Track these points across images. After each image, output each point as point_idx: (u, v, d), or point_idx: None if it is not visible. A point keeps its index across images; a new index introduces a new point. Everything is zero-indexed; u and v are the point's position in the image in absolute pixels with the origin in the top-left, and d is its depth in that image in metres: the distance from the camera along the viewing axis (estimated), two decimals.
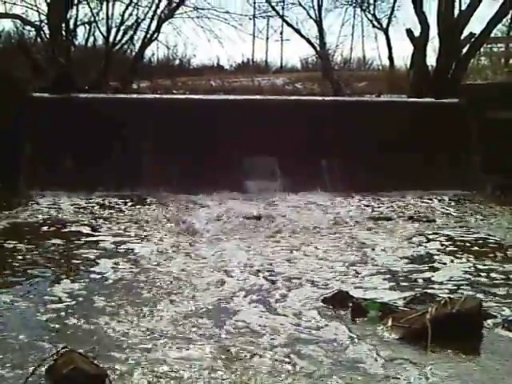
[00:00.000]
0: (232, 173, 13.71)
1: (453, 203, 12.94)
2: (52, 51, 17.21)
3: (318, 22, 26.34)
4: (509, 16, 23.15)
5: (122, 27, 22.35)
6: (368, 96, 20.23)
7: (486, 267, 8.07)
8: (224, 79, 26.15)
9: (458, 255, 8.67)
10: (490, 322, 6.01)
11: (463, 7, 18.32)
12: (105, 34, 22.25)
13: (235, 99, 16.51)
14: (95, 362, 4.94)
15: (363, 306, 6.30)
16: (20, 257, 8.30)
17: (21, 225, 10.43)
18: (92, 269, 7.80)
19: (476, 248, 9.12)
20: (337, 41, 30.18)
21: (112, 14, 22.27)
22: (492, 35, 20.64)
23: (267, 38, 33.91)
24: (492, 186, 14.15)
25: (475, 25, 18.40)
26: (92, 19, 22.06)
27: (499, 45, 25.19)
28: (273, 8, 28.43)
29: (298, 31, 26.95)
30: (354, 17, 31.30)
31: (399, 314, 6.04)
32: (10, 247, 8.78)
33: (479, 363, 5.21)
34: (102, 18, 22.27)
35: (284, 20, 29.08)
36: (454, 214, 11.86)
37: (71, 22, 20.10)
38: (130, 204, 12.37)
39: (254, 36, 32.10)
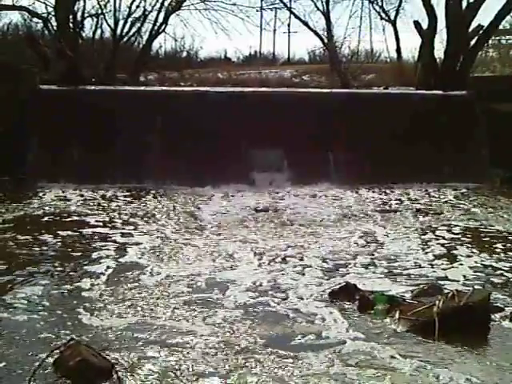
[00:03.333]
0: (239, 165, 13.70)
1: (460, 196, 12.90)
2: (59, 43, 17.18)
3: (326, 14, 26.27)
4: None
5: (130, 19, 22.37)
6: (376, 88, 20.17)
7: (494, 260, 8.05)
8: (231, 71, 26.11)
9: (465, 248, 8.65)
10: (497, 315, 5.98)
11: None
12: (112, 26, 22.28)
13: (242, 91, 16.48)
14: (102, 354, 4.94)
15: (370, 299, 6.29)
16: (27, 250, 8.28)
17: (28, 217, 10.45)
18: (97, 262, 7.79)
19: (483, 240, 9.09)
20: (344, 33, 30.20)
21: (119, 6, 22.31)
22: (500, 27, 20.55)
23: (275, 30, 33.90)
24: (500, 178, 14.11)
25: (483, 17, 18.33)
26: (99, 11, 22.08)
27: (508, 37, 25.11)
28: (280, 0, 28.39)
29: (305, 23, 26.89)
30: (362, 9, 31.22)
31: (406, 307, 6.03)
32: (18, 240, 8.78)
33: (486, 356, 5.20)
34: (110, 10, 22.31)
35: (291, 12, 29.03)
36: (462, 207, 11.82)
37: (78, 14, 20.13)
38: (136, 196, 12.36)
39: (261, 28, 32.08)
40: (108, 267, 7.55)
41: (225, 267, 7.59)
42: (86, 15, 21.25)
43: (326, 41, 26.16)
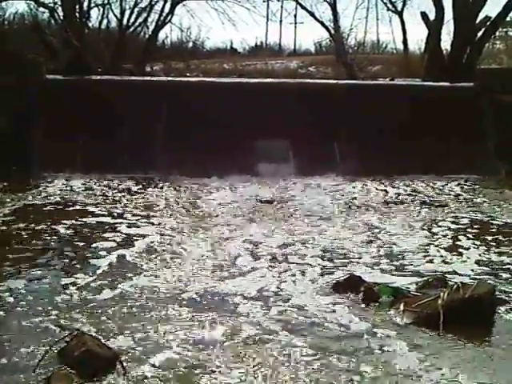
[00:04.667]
0: (245, 156, 13.71)
1: (466, 188, 12.88)
2: (66, 33, 17.19)
3: (332, 5, 26.15)
4: None
5: (136, 9, 22.37)
6: (382, 80, 20.14)
7: (499, 252, 8.04)
8: (237, 62, 26.10)
9: (470, 240, 8.64)
10: (502, 307, 5.98)
11: None
12: (118, 16, 22.29)
13: (248, 82, 16.47)
14: (107, 344, 4.96)
15: (375, 291, 6.29)
16: (31, 240, 8.29)
17: (33, 207, 10.46)
18: (101, 253, 7.78)
19: (488, 233, 9.07)
20: (351, 24, 30.02)
21: None
22: (508, 19, 20.49)
23: (281, 21, 33.85)
24: (505, 171, 14.08)
25: (491, 7, 18.26)
26: (106, 1, 22.09)
27: None
28: None
29: (312, 14, 26.79)
30: (369, 0, 31.13)
31: (411, 299, 6.03)
32: (22, 230, 8.80)
33: (490, 349, 5.20)
34: (116, 0, 22.30)
35: (298, 2, 28.92)
36: (467, 199, 11.80)
37: (85, 4, 20.14)
38: (142, 187, 12.38)
39: (267, 19, 32.05)
40: (114, 257, 7.55)
41: (228, 260, 7.56)
42: (92, 5, 21.29)
43: (332, 32, 26.06)
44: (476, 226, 9.51)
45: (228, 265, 7.32)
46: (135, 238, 8.45)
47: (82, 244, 8.17)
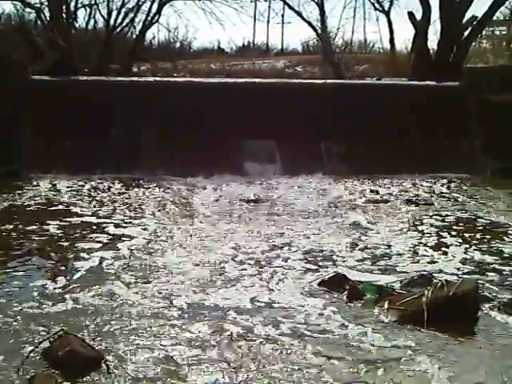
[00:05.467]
0: (231, 156, 13.73)
1: (452, 186, 12.94)
2: (52, 33, 17.15)
3: (320, 5, 26.23)
4: None
5: (123, 10, 22.36)
6: (369, 79, 20.18)
7: (484, 251, 8.05)
8: (224, 62, 26.11)
9: (455, 238, 8.66)
10: (486, 305, 5.99)
11: None
12: (105, 16, 22.26)
13: (235, 82, 16.49)
14: (92, 344, 4.94)
15: (360, 289, 6.30)
16: (15, 241, 8.23)
17: (19, 207, 10.42)
18: (87, 253, 7.71)
19: (474, 231, 9.10)
20: (338, 23, 30.12)
21: None
22: (494, 18, 20.58)
23: (268, 21, 33.86)
24: (491, 169, 14.15)
25: (478, 7, 18.36)
26: (93, 1, 22.06)
27: (501, 28, 25.12)
28: None
29: (299, 14, 26.84)
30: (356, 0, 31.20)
31: (396, 297, 6.04)
32: (7, 231, 8.75)
33: (474, 346, 5.21)
34: (103, 1, 22.32)
35: (285, 2, 29.00)
36: (453, 198, 11.86)
37: (72, 5, 20.11)
38: (128, 187, 12.35)
39: (255, 18, 32.08)
40: (97, 258, 7.49)
41: (214, 257, 7.53)
42: (79, 5, 21.26)
43: (319, 31, 26.12)
44: (461, 225, 9.54)
45: (214, 269, 7.18)
46: (120, 239, 8.36)
47: (66, 244, 8.13)
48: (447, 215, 10.16)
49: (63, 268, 7.17)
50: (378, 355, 4.95)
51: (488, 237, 8.74)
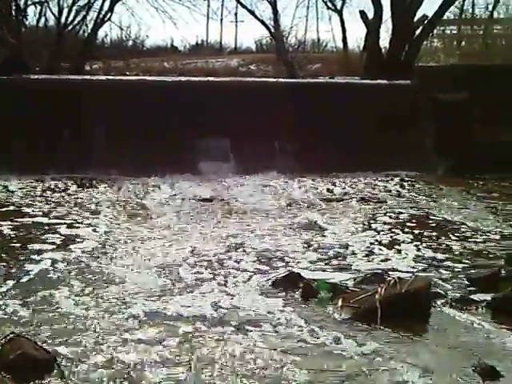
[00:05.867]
0: (186, 155, 13.69)
1: (404, 184, 13.06)
2: (1, 31, 16.88)
3: (273, 3, 26.19)
4: None
5: (74, 7, 22.10)
6: (322, 78, 20.26)
7: (436, 248, 8.15)
8: (177, 61, 26.00)
9: (407, 235, 8.75)
10: (438, 301, 6.06)
11: None
12: (56, 14, 21.98)
13: (188, 81, 16.43)
14: (44, 347, 4.88)
15: (314, 287, 6.32)
16: None
17: None
18: (39, 254, 7.61)
19: (426, 229, 9.20)
20: (291, 22, 30.08)
21: None
22: (445, 17, 20.80)
23: (221, 19, 33.74)
24: (443, 167, 14.31)
25: (429, 6, 18.54)
26: None
27: (452, 27, 25.38)
28: None
29: (252, 12, 26.79)
30: None
31: (349, 295, 6.08)
32: None
33: (425, 341, 5.27)
34: None
35: (238, 1, 28.89)
36: (405, 195, 11.98)
37: (21, 2, 19.81)
38: (81, 187, 12.24)
39: (208, 17, 31.93)
40: (50, 259, 7.39)
41: (169, 261, 7.47)
42: (29, 3, 20.95)
43: (272, 30, 26.12)
44: (414, 222, 9.63)
45: (169, 273, 7.05)
46: (72, 241, 8.26)
47: (18, 245, 8.03)
48: (400, 213, 10.25)
49: (13, 270, 7.04)
50: (331, 352, 4.98)
51: (440, 234, 8.85)
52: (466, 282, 6.66)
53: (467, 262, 7.52)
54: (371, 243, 8.35)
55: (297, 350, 5.03)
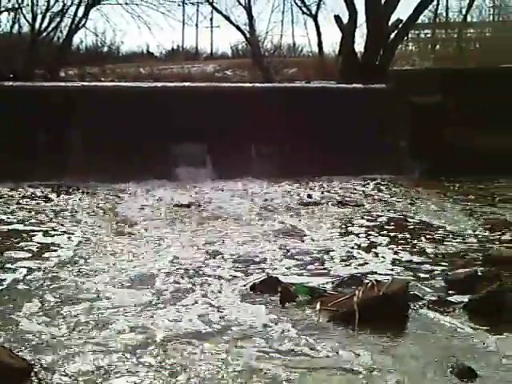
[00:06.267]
0: (162, 161, 13.65)
1: (381, 188, 13.11)
2: None
3: (248, 9, 26.28)
4: (435, 2, 23.54)
5: (48, 14, 22.02)
6: (298, 82, 20.30)
7: (414, 250, 8.19)
8: (153, 66, 25.97)
9: (385, 239, 8.78)
10: (416, 303, 6.08)
11: None
12: (30, 21, 21.87)
13: (164, 86, 16.39)
14: (20, 355, 4.83)
15: (292, 291, 6.32)
16: None
17: None
18: (13, 263, 7.53)
19: (403, 231, 9.23)
20: (267, 27, 30.16)
21: (37, 1, 21.91)
22: (419, 21, 20.95)
23: (197, 25, 33.76)
24: (419, 170, 14.40)
25: (404, 10, 18.66)
26: (16, 5, 21.65)
27: (426, 31, 25.56)
28: None
29: (227, 18, 26.87)
30: (284, 3, 31.34)
31: (327, 298, 6.09)
32: None
33: (403, 344, 5.28)
34: (27, 5, 21.90)
35: (213, 6, 28.97)
36: (382, 199, 12.02)
37: None
38: (58, 194, 12.16)
39: (183, 23, 31.94)
40: (26, 268, 7.31)
41: (146, 267, 7.42)
42: (2, 9, 20.83)
43: (248, 35, 26.19)
44: (391, 225, 9.67)
45: (147, 285, 6.90)
46: (48, 249, 8.16)
47: None
48: (377, 216, 10.30)
49: None
50: (309, 355, 4.98)
51: (418, 237, 8.88)
52: (444, 284, 6.70)
53: (444, 264, 7.56)
54: (349, 247, 8.37)
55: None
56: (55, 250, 8.12)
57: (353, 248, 8.32)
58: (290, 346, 5.19)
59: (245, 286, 6.66)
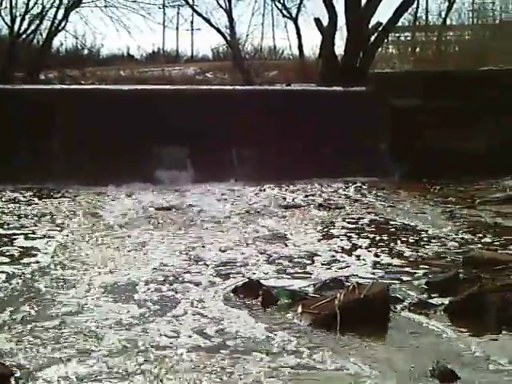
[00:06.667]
0: (143, 164, 13.63)
1: (362, 190, 13.14)
2: None
3: (228, 11, 26.33)
4: (414, 5, 23.69)
5: (27, 16, 21.94)
6: (278, 85, 20.34)
7: (394, 252, 8.22)
8: (134, 69, 25.95)
9: (366, 241, 8.80)
10: (397, 305, 6.10)
11: None
12: (9, 23, 21.77)
13: (144, 89, 16.39)
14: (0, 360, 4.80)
15: (273, 294, 6.33)
16: None
17: None
18: None
19: (385, 234, 9.25)
20: (247, 30, 30.22)
21: (16, 3, 21.81)
22: (399, 24, 21.07)
23: (177, 28, 33.77)
24: (399, 172, 14.46)
25: (384, 12, 18.75)
26: None
27: (406, 34, 25.72)
28: None
29: (207, 20, 26.91)
30: (264, 6, 31.45)
31: (309, 301, 6.08)
32: None
33: (384, 346, 5.30)
34: (6, 7, 21.80)
35: (194, 9, 28.99)
36: (363, 201, 12.05)
37: None
38: (38, 197, 12.10)
39: (163, 25, 31.94)
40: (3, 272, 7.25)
41: (128, 275, 7.27)
42: None
43: (228, 38, 26.22)
44: (371, 228, 9.69)
45: (130, 294, 6.74)
46: (27, 255, 8.04)
47: None
48: (358, 219, 10.31)
49: None
50: (290, 358, 4.98)
51: (398, 239, 8.90)
52: (425, 287, 6.72)
53: (425, 266, 7.57)
54: (330, 250, 8.37)
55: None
56: (35, 255, 8.02)
57: (334, 251, 8.31)
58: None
59: (226, 290, 6.64)
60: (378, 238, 9.02)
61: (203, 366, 4.85)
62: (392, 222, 10.10)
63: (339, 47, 19.21)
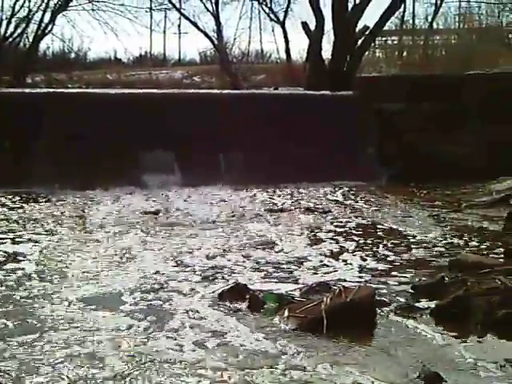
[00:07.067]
0: (130, 168, 13.61)
1: (349, 194, 13.17)
2: None
3: (215, 15, 26.36)
4: (401, 9, 23.76)
5: (14, 19, 21.87)
6: (266, 89, 20.35)
7: (381, 256, 8.23)
8: (121, 73, 25.90)
9: (352, 245, 8.81)
10: (383, 309, 6.11)
11: (357, 0, 18.70)
12: None
13: (131, 93, 16.36)
14: None
15: (260, 298, 6.33)
16: None
17: None
18: None
19: (371, 238, 9.27)
20: (235, 34, 30.25)
21: (2, 6, 21.75)
22: (386, 28, 21.13)
23: (164, 31, 33.74)
24: (386, 176, 14.50)
25: (371, 16, 18.80)
26: None
27: (393, 37, 25.80)
28: (169, 1, 28.33)
29: (195, 24, 26.93)
30: (252, 10, 31.47)
31: (295, 305, 6.08)
32: None
33: (370, 350, 5.30)
34: None
35: (181, 13, 28.99)
36: (350, 205, 12.07)
37: None
38: (24, 201, 12.05)
39: (151, 29, 31.90)
40: None
41: (115, 283, 7.13)
42: None
43: (216, 42, 26.23)
44: (358, 232, 9.70)
45: (118, 304, 6.50)
46: (12, 261, 7.94)
47: None
48: (346, 223, 10.33)
49: None
50: (276, 362, 4.98)
51: (385, 243, 8.92)
52: (411, 290, 6.73)
53: (411, 270, 7.59)
54: (317, 253, 8.37)
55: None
56: (20, 261, 7.93)
57: (321, 255, 8.32)
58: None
59: (212, 292, 6.63)
60: (364, 241, 9.04)
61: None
62: (379, 226, 10.12)
63: (326, 51, 19.26)
